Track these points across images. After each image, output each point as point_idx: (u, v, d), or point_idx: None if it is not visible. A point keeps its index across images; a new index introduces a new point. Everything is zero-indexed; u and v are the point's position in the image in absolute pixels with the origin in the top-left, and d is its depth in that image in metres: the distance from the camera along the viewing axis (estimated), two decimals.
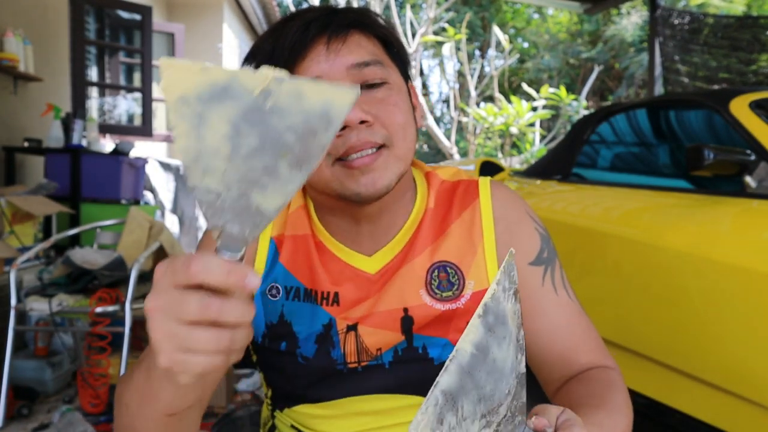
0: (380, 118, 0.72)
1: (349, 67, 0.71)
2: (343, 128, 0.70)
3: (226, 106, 0.40)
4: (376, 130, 0.71)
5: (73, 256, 2.20)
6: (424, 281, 0.80)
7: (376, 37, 0.76)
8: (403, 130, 0.74)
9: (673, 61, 5.22)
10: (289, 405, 0.84)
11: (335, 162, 0.71)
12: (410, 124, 0.75)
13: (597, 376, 0.75)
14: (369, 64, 0.72)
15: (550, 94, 7.62)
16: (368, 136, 0.70)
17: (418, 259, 0.80)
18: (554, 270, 0.82)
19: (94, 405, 2.23)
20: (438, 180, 0.86)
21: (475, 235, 0.82)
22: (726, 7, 9.50)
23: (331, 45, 0.71)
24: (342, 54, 0.71)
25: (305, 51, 0.71)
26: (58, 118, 3.55)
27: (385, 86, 0.74)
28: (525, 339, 0.81)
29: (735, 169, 1.58)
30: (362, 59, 0.72)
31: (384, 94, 0.74)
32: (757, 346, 1.36)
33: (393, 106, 0.73)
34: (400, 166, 0.73)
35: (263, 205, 0.42)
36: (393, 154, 0.72)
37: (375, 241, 0.81)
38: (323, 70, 0.71)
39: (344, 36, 0.72)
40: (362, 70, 0.72)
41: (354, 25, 0.74)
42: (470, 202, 0.83)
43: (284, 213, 0.83)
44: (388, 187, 0.72)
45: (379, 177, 0.71)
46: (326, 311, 0.79)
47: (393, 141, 0.72)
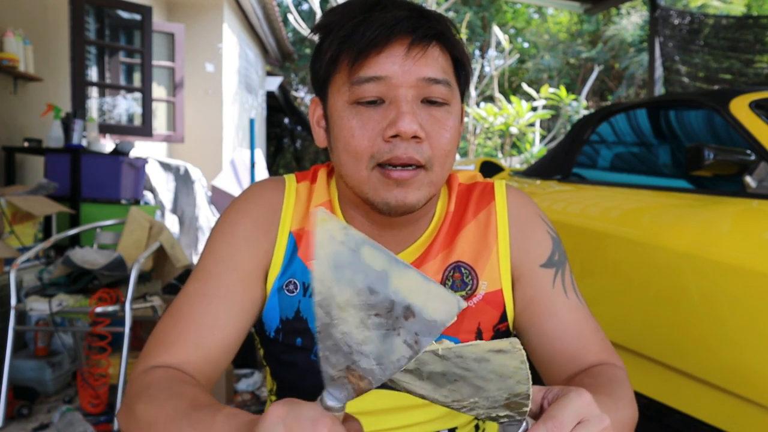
0: (431, 137, 0.72)
1: (420, 79, 0.71)
2: (394, 136, 0.70)
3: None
4: (423, 149, 0.71)
5: (73, 256, 2.20)
6: (440, 282, 0.80)
7: (451, 55, 0.76)
8: (446, 157, 0.74)
9: (674, 61, 5.22)
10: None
11: (375, 167, 0.72)
12: (453, 152, 0.76)
13: (603, 371, 0.75)
14: (439, 82, 0.72)
15: (550, 94, 7.62)
16: (414, 153, 0.70)
17: (434, 261, 0.81)
18: (564, 273, 0.84)
19: (94, 405, 2.23)
20: (456, 182, 0.87)
21: (490, 237, 0.82)
22: (725, 7, 9.50)
23: (412, 51, 0.71)
24: (419, 64, 0.71)
25: (384, 47, 0.70)
26: (58, 118, 3.55)
27: (446, 107, 0.74)
28: (534, 340, 0.81)
29: (735, 169, 1.58)
30: (436, 76, 0.72)
31: (442, 115, 0.73)
32: (757, 346, 1.36)
33: (446, 131, 0.73)
34: (432, 189, 0.74)
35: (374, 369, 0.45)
36: (429, 178, 0.73)
37: (397, 245, 0.81)
38: (395, 72, 0.70)
39: (426, 46, 0.71)
40: (430, 86, 0.72)
41: (438, 37, 0.73)
42: (486, 204, 0.84)
43: (305, 207, 0.83)
44: (415, 206, 0.73)
45: (411, 194, 0.72)
46: None
47: (433, 165, 0.73)
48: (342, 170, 0.75)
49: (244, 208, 0.83)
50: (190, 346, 0.73)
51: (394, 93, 0.71)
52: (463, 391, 0.49)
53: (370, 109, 0.72)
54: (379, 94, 0.71)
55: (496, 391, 0.48)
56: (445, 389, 0.49)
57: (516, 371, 0.47)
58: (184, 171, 4.93)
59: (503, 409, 0.50)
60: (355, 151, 0.72)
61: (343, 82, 0.73)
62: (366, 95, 0.71)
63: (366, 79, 0.71)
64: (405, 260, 0.79)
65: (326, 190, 0.84)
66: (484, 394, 0.49)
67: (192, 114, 6.72)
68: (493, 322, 0.82)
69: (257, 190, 0.85)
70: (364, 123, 0.71)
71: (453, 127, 0.74)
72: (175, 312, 0.76)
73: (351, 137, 0.72)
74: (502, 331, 0.84)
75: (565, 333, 0.79)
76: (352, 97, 0.72)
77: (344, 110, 0.73)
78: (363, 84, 0.71)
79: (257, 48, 9.80)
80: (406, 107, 0.70)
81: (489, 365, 0.46)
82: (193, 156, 6.59)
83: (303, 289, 0.80)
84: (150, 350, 0.74)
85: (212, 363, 0.74)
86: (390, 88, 0.71)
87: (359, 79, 0.71)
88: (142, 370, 0.71)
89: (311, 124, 0.82)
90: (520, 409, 0.49)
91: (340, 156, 0.75)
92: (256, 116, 9.48)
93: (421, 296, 0.42)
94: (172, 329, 0.74)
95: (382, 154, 0.70)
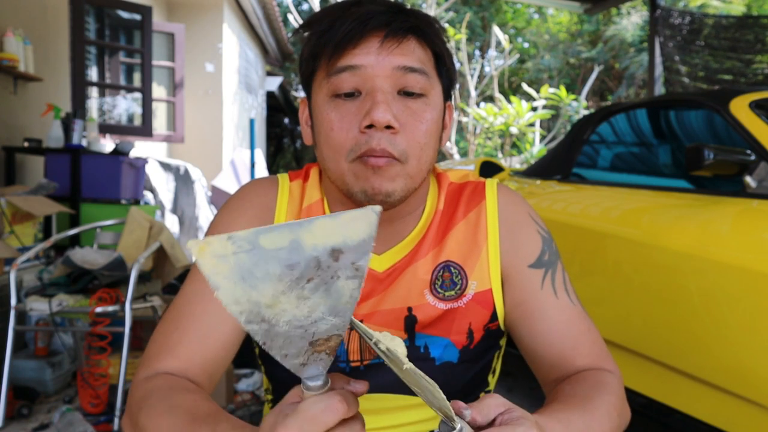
0: (406, 129, 0.72)
1: (395, 68, 0.72)
2: (369, 126, 0.70)
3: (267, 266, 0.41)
4: (397, 141, 0.71)
5: (73, 256, 2.20)
6: (429, 282, 0.80)
7: (431, 49, 0.76)
8: (421, 150, 0.73)
9: (674, 61, 5.21)
10: None
11: (354, 160, 0.72)
12: (430, 146, 0.75)
13: (587, 377, 0.74)
14: (415, 71, 0.72)
15: (550, 94, 7.62)
16: (387, 146, 0.70)
17: (425, 260, 0.81)
18: (555, 273, 0.83)
19: (94, 405, 2.23)
20: (447, 181, 0.87)
21: (479, 236, 0.82)
22: (725, 7, 9.50)
23: (386, 43, 0.72)
24: (394, 54, 0.72)
25: (359, 40, 0.72)
26: (58, 118, 3.55)
27: (423, 99, 0.74)
28: (524, 340, 0.81)
29: (735, 169, 1.58)
30: (410, 64, 0.72)
31: (419, 106, 0.73)
32: (757, 346, 1.36)
33: (421, 123, 0.73)
34: (409, 183, 0.73)
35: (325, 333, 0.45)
36: (404, 171, 0.73)
37: (385, 242, 0.81)
38: (369, 62, 0.71)
39: (401, 38, 0.72)
40: (406, 75, 0.72)
41: (413, 30, 0.74)
42: (476, 204, 0.84)
43: (298, 206, 0.84)
44: (392, 195, 0.72)
45: (385, 183, 0.71)
46: None
47: (408, 158, 0.72)
48: (325, 164, 0.76)
49: (238, 207, 0.83)
50: (192, 348, 0.73)
51: (371, 84, 0.71)
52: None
53: (348, 101, 0.72)
54: (355, 85, 0.72)
55: (428, 398, 0.50)
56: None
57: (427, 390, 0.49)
58: (184, 171, 4.93)
59: (439, 412, 0.51)
60: (335, 144, 0.73)
61: (323, 77, 0.74)
62: (343, 86, 0.72)
63: (342, 68, 0.72)
64: (395, 258, 0.81)
65: (318, 189, 0.85)
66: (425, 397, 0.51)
67: (192, 114, 6.72)
68: (484, 322, 0.82)
69: (251, 189, 0.86)
70: (342, 116, 0.72)
71: (430, 120, 0.74)
72: (175, 314, 0.76)
73: (330, 130, 0.73)
74: (493, 330, 0.83)
75: (552, 335, 0.79)
76: (331, 89, 0.73)
77: (324, 104, 0.74)
78: (340, 74, 0.72)
79: (257, 48, 9.79)
80: (381, 97, 0.70)
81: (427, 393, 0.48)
82: (193, 156, 6.59)
83: None
84: (152, 354, 0.74)
85: (214, 362, 0.74)
86: (366, 79, 0.71)
87: (336, 69, 0.72)
88: (144, 376, 0.71)
89: (301, 124, 0.83)
90: (446, 415, 0.50)
91: (322, 150, 0.75)
92: (256, 116, 9.48)
93: (338, 232, 0.40)
94: (173, 331, 0.74)
95: (359, 146, 0.71)
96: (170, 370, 0.71)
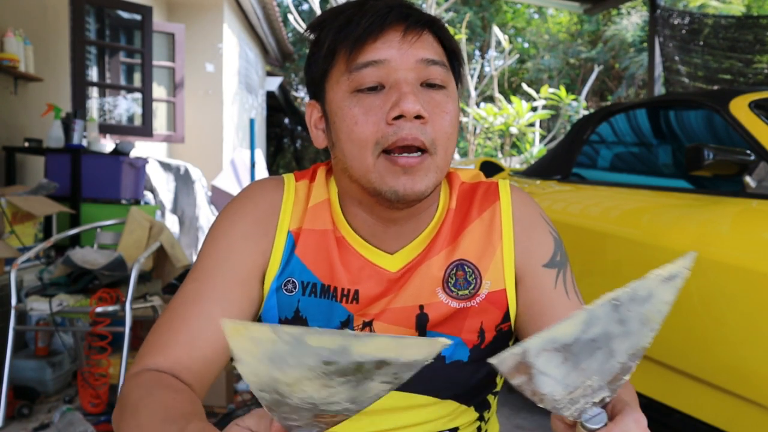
0: (433, 120, 0.72)
1: (419, 61, 0.72)
2: (398, 117, 0.70)
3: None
4: (427, 130, 0.71)
5: (73, 256, 2.20)
6: (442, 279, 0.80)
7: (444, 45, 0.77)
8: (448, 141, 0.74)
9: (673, 61, 5.22)
10: None
11: (381, 154, 0.71)
12: (454, 137, 0.76)
13: None
14: (437, 63, 0.73)
15: (550, 94, 7.62)
16: (419, 134, 0.70)
17: (437, 258, 0.81)
18: (566, 273, 0.84)
19: (94, 405, 2.24)
20: (459, 181, 0.87)
21: (494, 236, 0.82)
22: (725, 7, 9.51)
23: (407, 36, 0.72)
24: (415, 47, 0.72)
25: (380, 33, 0.72)
26: (59, 118, 3.55)
27: (444, 91, 0.75)
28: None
29: (735, 169, 1.58)
30: (432, 56, 0.73)
31: (442, 98, 0.74)
32: (757, 346, 1.37)
33: (447, 113, 0.74)
34: (438, 175, 0.74)
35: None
36: (434, 163, 0.73)
37: (399, 240, 0.81)
38: (392, 56, 0.71)
39: (420, 31, 0.73)
40: (429, 68, 0.73)
41: (430, 25, 0.75)
42: (491, 204, 0.84)
43: (304, 206, 0.83)
44: (424, 193, 0.73)
45: (419, 180, 0.72)
46: (345, 308, 0.79)
47: (437, 148, 0.73)
48: (347, 162, 0.75)
49: (242, 208, 0.83)
50: (183, 347, 0.73)
51: (395, 77, 0.71)
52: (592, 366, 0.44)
53: (371, 95, 0.72)
54: (378, 79, 0.72)
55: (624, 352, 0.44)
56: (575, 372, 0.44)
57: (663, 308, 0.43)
58: (185, 171, 4.93)
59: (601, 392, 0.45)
60: (360, 139, 0.72)
61: (342, 73, 0.74)
62: (366, 81, 0.72)
63: (365, 64, 0.71)
64: (408, 257, 0.80)
65: (325, 189, 0.84)
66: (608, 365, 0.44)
67: (192, 114, 6.72)
68: (496, 322, 0.82)
69: (256, 189, 0.85)
70: (366, 109, 0.72)
71: (453, 111, 0.75)
72: (171, 312, 0.76)
73: (354, 125, 0.72)
74: (505, 331, 0.83)
75: None
76: (352, 85, 0.72)
77: (345, 100, 0.73)
78: (362, 69, 0.71)
79: (257, 48, 9.80)
80: (408, 88, 0.71)
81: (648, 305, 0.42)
82: (193, 156, 6.59)
83: (302, 288, 0.80)
84: (144, 352, 0.74)
85: (206, 363, 0.74)
86: (389, 71, 0.71)
87: (358, 65, 0.72)
88: (134, 372, 0.72)
89: (309, 128, 0.82)
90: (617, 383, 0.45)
91: (344, 147, 0.74)
92: (256, 116, 9.48)
93: (394, 350, 0.38)
94: (166, 330, 0.75)
95: (387, 138, 0.70)
96: (158, 367, 0.71)
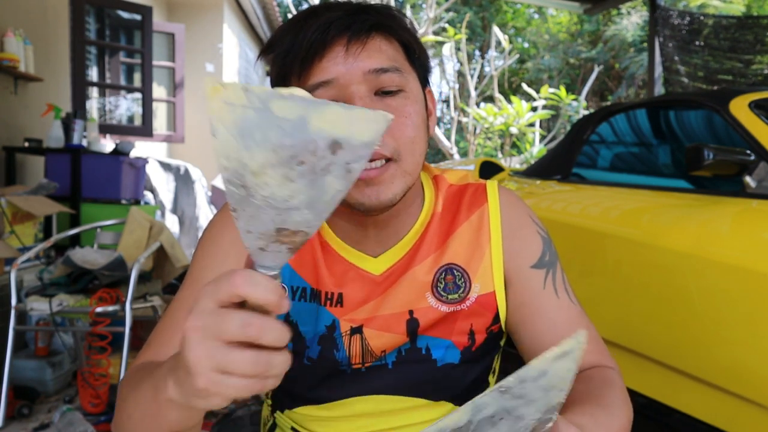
0: (392, 128, 0.71)
1: (366, 73, 0.70)
2: None
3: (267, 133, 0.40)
4: (386, 142, 0.70)
5: (73, 256, 2.20)
6: (431, 284, 0.80)
7: (398, 41, 0.75)
8: (412, 144, 0.73)
9: (673, 61, 5.22)
10: (290, 406, 0.84)
11: None
12: (420, 138, 0.74)
13: (595, 375, 0.75)
14: (387, 71, 0.71)
15: (550, 94, 7.62)
16: (379, 148, 0.69)
17: (425, 263, 0.80)
18: (555, 273, 0.83)
19: (94, 405, 2.24)
20: (446, 184, 0.86)
21: (482, 239, 0.82)
22: (725, 7, 9.50)
23: (351, 48, 0.70)
24: (361, 58, 0.70)
25: (324, 51, 0.70)
26: (59, 118, 3.55)
27: (401, 94, 0.73)
28: (526, 341, 0.81)
29: (735, 169, 1.58)
30: (380, 65, 0.71)
31: (399, 103, 0.72)
32: (757, 346, 1.37)
33: (405, 117, 0.72)
34: (407, 180, 0.73)
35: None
36: (400, 169, 0.72)
37: (381, 244, 0.81)
38: (340, 72, 0.70)
39: (365, 39, 0.71)
40: (379, 77, 0.71)
41: (376, 27, 0.72)
42: (479, 206, 0.84)
43: None
44: (392, 201, 0.72)
45: (384, 190, 0.71)
46: (330, 312, 0.79)
47: (401, 155, 0.72)
48: None
49: (230, 215, 0.83)
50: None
51: (346, 92, 0.70)
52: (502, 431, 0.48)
53: None
54: (332, 98, 0.70)
55: (533, 414, 0.47)
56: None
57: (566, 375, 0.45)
58: (184, 171, 4.93)
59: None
60: None
61: None
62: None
63: (315, 86, 0.70)
64: (392, 260, 0.80)
65: None
66: (520, 425, 0.48)
67: (192, 114, 6.72)
68: (486, 324, 0.82)
69: None
70: None
71: (414, 113, 0.73)
72: (167, 319, 0.77)
73: None
74: (495, 333, 0.83)
75: (555, 333, 0.79)
76: None
77: None
78: (314, 92, 0.70)
79: (257, 48, 9.80)
80: (360, 103, 0.69)
81: (544, 379, 0.45)
82: (193, 156, 6.59)
83: (292, 293, 0.80)
84: (143, 352, 0.75)
85: None
86: (340, 89, 0.70)
87: (309, 88, 0.71)
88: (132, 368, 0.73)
89: None
90: (543, 428, 0.48)
91: None
92: None
93: (346, 125, 0.39)
94: (163, 334, 0.75)
95: None
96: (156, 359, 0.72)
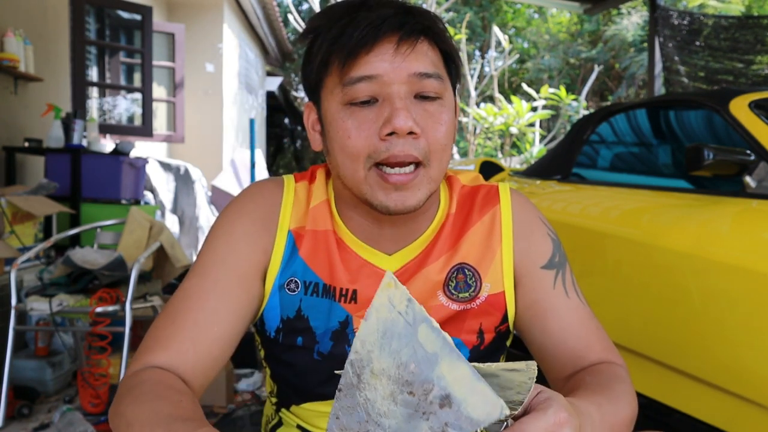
0: (427, 132, 0.72)
1: (411, 75, 0.71)
2: (390, 134, 0.70)
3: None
4: (419, 144, 0.71)
5: (73, 256, 2.20)
6: (443, 283, 0.81)
7: (440, 49, 0.76)
8: (443, 151, 0.74)
9: (673, 61, 5.21)
10: (296, 402, 0.84)
11: (372, 167, 0.72)
12: (449, 146, 0.76)
13: (603, 370, 0.76)
14: (430, 76, 0.72)
15: (550, 94, 7.62)
16: (411, 150, 0.70)
17: (438, 262, 0.82)
18: (565, 274, 0.85)
19: (94, 405, 2.24)
20: (459, 185, 0.87)
21: (494, 239, 0.83)
22: (724, 7, 9.50)
23: (400, 48, 0.71)
24: (408, 60, 0.71)
25: (373, 46, 0.71)
26: (59, 118, 3.55)
27: (438, 101, 0.74)
28: (537, 340, 0.82)
29: (735, 169, 1.58)
30: (426, 70, 0.72)
31: (436, 109, 0.74)
32: (757, 346, 1.37)
33: (441, 125, 0.74)
34: (432, 186, 0.74)
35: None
36: (427, 175, 0.73)
37: (396, 242, 0.82)
38: (385, 70, 0.71)
39: (414, 41, 0.72)
40: (422, 81, 0.72)
41: (425, 32, 0.73)
42: (491, 207, 0.85)
43: (305, 207, 0.84)
44: (416, 206, 0.73)
45: (410, 196, 0.72)
46: (343, 308, 0.80)
47: (431, 160, 0.73)
48: (339, 171, 0.76)
49: (243, 207, 0.83)
50: (185, 343, 0.72)
51: (387, 91, 0.71)
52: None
53: (365, 108, 0.72)
54: (371, 93, 0.71)
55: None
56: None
57: (520, 385, 0.47)
58: (184, 171, 4.93)
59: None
60: (352, 152, 0.72)
61: (335, 84, 0.73)
62: (359, 95, 0.71)
63: (357, 79, 0.71)
64: (406, 258, 0.81)
65: (324, 190, 0.85)
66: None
67: (192, 114, 6.72)
68: (495, 324, 0.83)
69: (256, 190, 0.86)
70: (359, 123, 0.72)
71: (448, 121, 0.75)
72: (172, 309, 0.76)
73: (347, 138, 0.72)
74: (502, 332, 0.84)
75: (567, 332, 0.80)
76: (346, 99, 0.72)
77: (338, 112, 0.73)
78: (355, 84, 0.71)
79: (257, 48, 9.79)
80: (400, 104, 0.70)
81: (495, 380, 0.47)
82: (193, 156, 6.59)
83: (304, 287, 0.80)
84: (146, 348, 0.74)
85: (208, 360, 0.74)
86: (382, 86, 0.71)
87: (351, 79, 0.71)
88: (135, 369, 0.71)
89: (307, 129, 0.82)
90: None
91: (337, 157, 0.75)
92: (256, 116, 9.48)
93: (465, 390, 0.40)
94: (168, 326, 0.74)
95: (379, 153, 0.71)
96: (161, 364, 0.71)
